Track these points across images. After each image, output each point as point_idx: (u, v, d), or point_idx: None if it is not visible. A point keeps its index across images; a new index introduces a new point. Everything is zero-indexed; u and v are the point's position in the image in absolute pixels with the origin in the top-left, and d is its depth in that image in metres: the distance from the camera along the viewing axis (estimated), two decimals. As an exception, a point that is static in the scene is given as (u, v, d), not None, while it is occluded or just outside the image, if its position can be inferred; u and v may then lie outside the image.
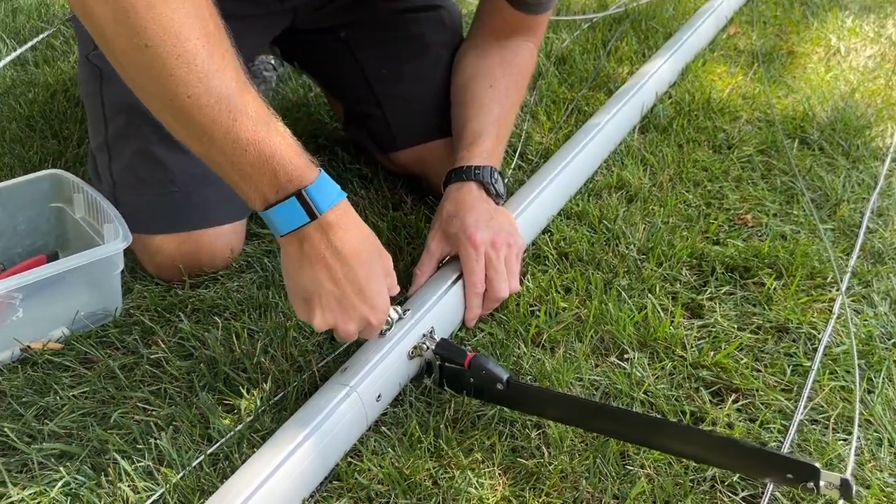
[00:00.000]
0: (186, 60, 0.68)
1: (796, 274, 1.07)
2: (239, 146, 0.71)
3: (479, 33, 1.17)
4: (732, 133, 1.41)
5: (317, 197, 0.75)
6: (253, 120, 0.72)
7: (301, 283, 0.79)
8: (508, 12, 1.11)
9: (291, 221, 0.75)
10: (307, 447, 0.74)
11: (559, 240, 1.11)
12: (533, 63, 1.19)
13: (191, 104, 0.69)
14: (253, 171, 0.73)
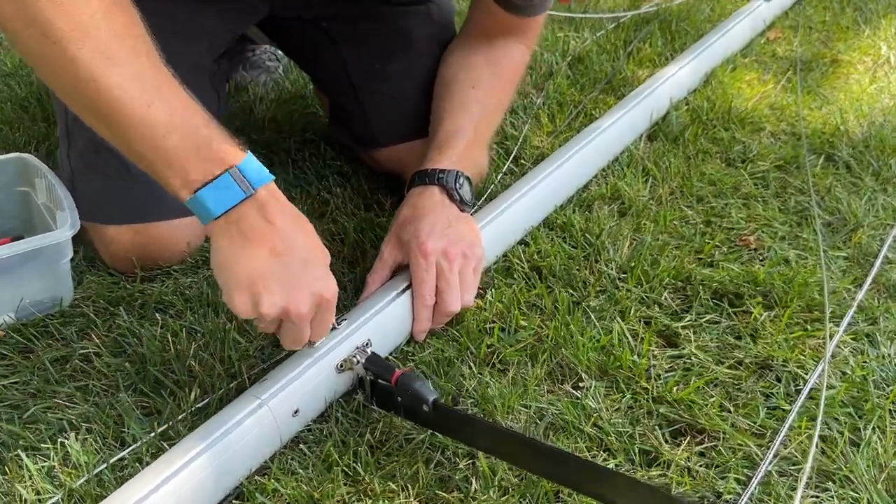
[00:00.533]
0: (94, 52, 0.65)
1: (791, 305, 0.97)
2: (157, 132, 0.68)
3: (468, 32, 1.11)
4: (750, 146, 1.30)
5: (250, 173, 0.71)
6: (170, 105, 0.69)
7: (241, 268, 0.72)
8: (498, 13, 1.04)
9: (226, 200, 0.71)
10: (202, 462, 0.69)
11: (533, 252, 1.03)
12: (523, 66, 1.12)
13: (102, 95, 0.67)
14: (176, 155, 0.70)
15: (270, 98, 1.41)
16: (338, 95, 1.16)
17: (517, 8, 1.03)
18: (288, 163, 1.21)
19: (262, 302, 0.72)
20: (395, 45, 1.11)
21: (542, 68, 1.51)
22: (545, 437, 0.80)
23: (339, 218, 1.09)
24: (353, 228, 1.07)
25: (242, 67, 1.46)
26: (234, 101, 1.40)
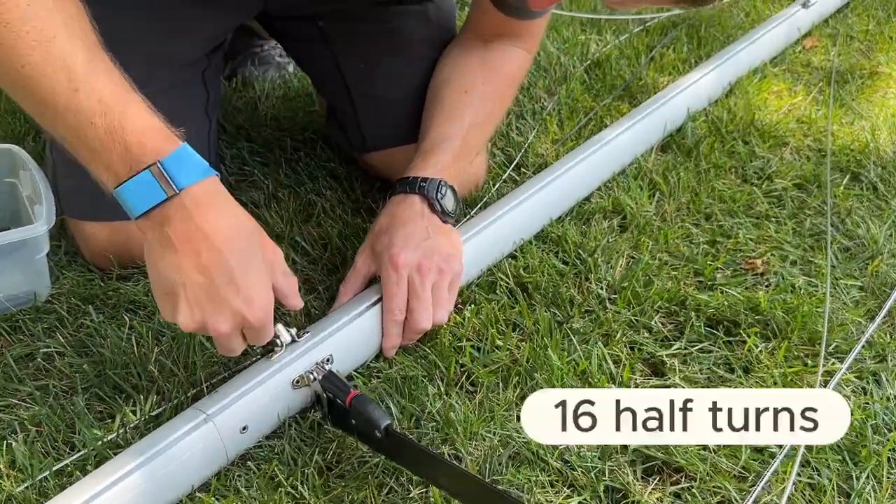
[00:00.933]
0: (17, 28, 0.62)
1: (791, 337, 0.90)
2: (83, 118, 0.64)
3: (466, 34, 1.06)
4: (770, 161, 1.23)
5: (175, 170, 0.66)
6: (99, 91, 0.65)
7: (163, 272, 0.68)
8: (496, 15, 0.99)
9: (146, 199, 0.66)
10: (136, 479, 0.67)
11: (520, 267, 0.99)
12: (523, 71, 1.07)
13: (26, 74, 0.63)
14: (101, 145, 0.65)
15: (277, 95, 1.39)
16: (332, 96, 1.13)
17: (515, 10, 0.98)
18: (282, 162, 1.18)
19: (180, 312, 0.68)
20: (388, 45, 1.07)
21: (556, 72, 1.45)
22: (506, 467, 0.75)
23: (324, 222, 1.06)
24: (338, 234, 1.03)
25: (251, 62, 1.43)
26: (240, 97, 1.38)
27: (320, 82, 1.16)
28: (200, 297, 0.68)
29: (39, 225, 0.91)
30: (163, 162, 0.66)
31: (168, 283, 0.69)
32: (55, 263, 1.00)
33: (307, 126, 1.29)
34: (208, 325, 0.69)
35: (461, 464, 0.75)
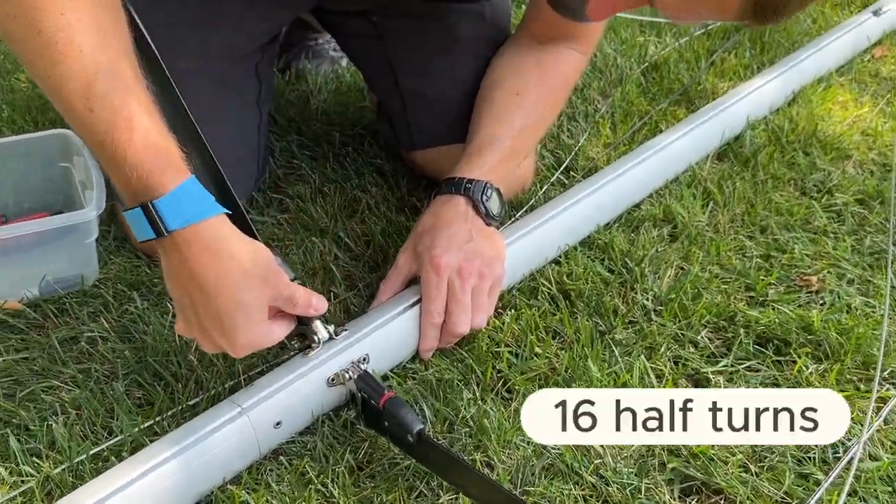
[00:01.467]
0: (50, 36, 0.61)
1: (844, 359, 0.87)
2: (95, 139, 0.64)
3: (520, 35, 1.05)
4: (832, 174, 1.18)
5: (166, 212, 0.65)
6: (112, 116, 0.63)
7: (168, 285, 0.70)
8: (553, 17, 0.97)
9: (141, 232, 0.66)
10: (170, 468, 0.67)
11: (564, 273, 0.97)
12: (577, 73, 1.04)
13: (52, 84, 0.63)
14: (109, 167, 0.65)
15: (329, 89, 1.39)
16: (383, 92, 1.13)
17: (572, 12, 0.95)
18: (329, 156, 1.18)
19: (179, 321, 0.71)
20: (441, 43, 1.06)
21: (612, 73, 1.42)
22: (539, 478, 0.74)
23: (368, 218, 1.05)
24: (381, 231, 1.03)
25: (305, 55, 1.44)
26: (293, 91, 1.38)
27: (371, 78, 1.15)
28: (191, 321, 0.70)
29: (89, 210, 0.93)
30: (156, 203, 0.65)
31: (172, 295, 0.71)
32: (104, 248, 1.02)
33: (357, 121, 1.28)
34: (199, 342, 0.72)
35: (493, 472, 0.74)
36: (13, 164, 1.05)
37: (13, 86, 1.39)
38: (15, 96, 1.35)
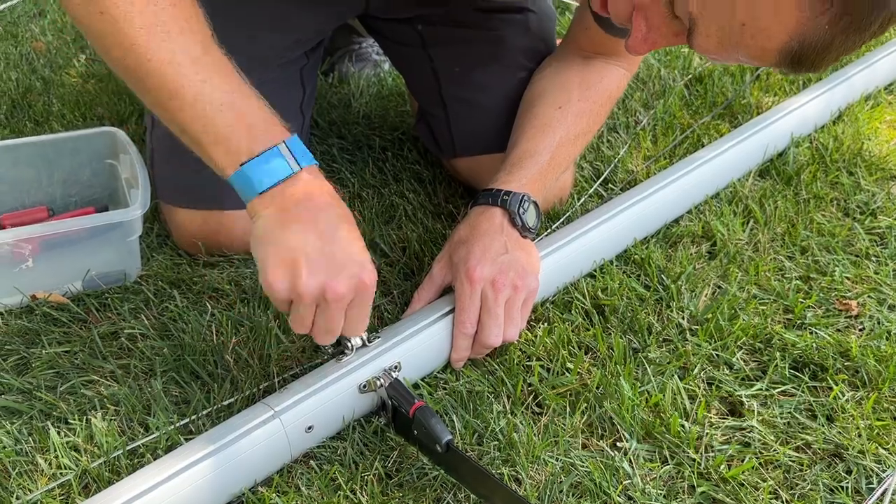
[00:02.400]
0: (145, 28, 0.67)
1: (882, 388, 0.85)
2: (211, 107, 0.70)
3: (565, 48, 1.04)
4: (876, 196, 1.16)
5: (297, 151, 0.72)
6: (224, 82, 0.71)
7: (282, 244, 0.70)
8: (597, 33, 0.97)
9: (272, 175, 0.70)
10: (203, 468, 0.69)
11: (599, 288, 0.96)
12: (620, 90, 1.04)
13: (155, 69, 0.69)
14: (228, 131, 0.70)
15: (371, 92, 1.40)
16: (425, 98, 1.13)
17: (617, 29, 0.95)
18: (369, 161, 1.19)
19: (301, 279, 0.69)
20: (486, 52, 1.06)
21: (655, 85, 1.41)
22: (567, 496, 0.74)
23: (404, 225, 1.06)
24: (417, 238, 1.04)
25: (348, 59, 1.45)
26: (335, 93, 1.40)
27: (414, 84, 1.16)
28: (321, 260, 0.70)
29: (134, 209, 0.95)
30: (287, 142, 0.71)
31: (287, 253, 0.70)
32: (146, 245, 1.04)
33: (397, 126, 1.29)
34: (328, 287, 0.70)
35: (521, 487, 0.74)
36: (63, 159, 1.08)
37: (63, 81, 1.42)
38: (65, 91, 1.38)
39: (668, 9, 0.64)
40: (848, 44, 0.58)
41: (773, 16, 0.58)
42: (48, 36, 1.61)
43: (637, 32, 0.68)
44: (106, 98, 1.35)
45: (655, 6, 0.64)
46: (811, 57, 0.60)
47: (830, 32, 0.57)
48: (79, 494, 0.73)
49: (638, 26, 0.68)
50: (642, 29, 0.67)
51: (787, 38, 0.59)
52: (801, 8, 0.56)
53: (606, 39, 0.98)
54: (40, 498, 0.73)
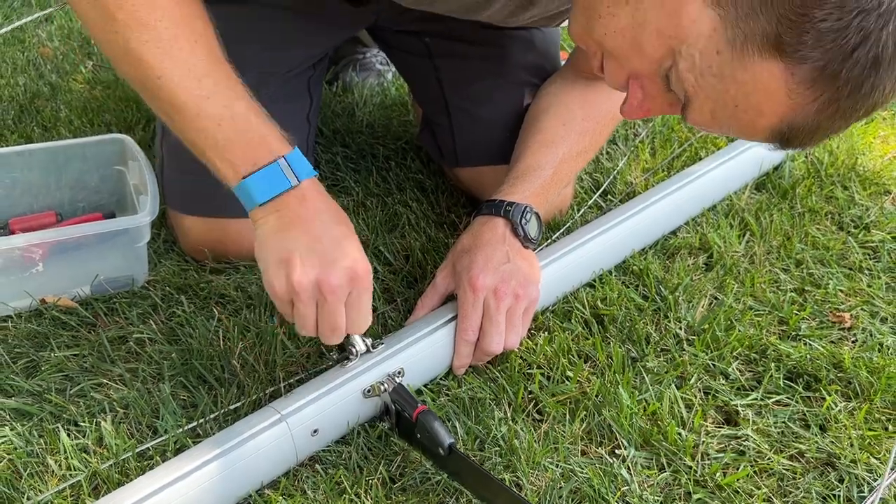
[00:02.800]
0: (154, 43, 0.70)
1: (874, 398, 0.87)
2: (213, 122, 0.73)
3: (570, 68, 1.07)
4: (870, 210, 1.19)
5: (296, 165, 0.75)
6: (226, 99, 0.74)
7: (277, 246, 0.75)
8: None
9: (271, 188, 0.74)
10: (210, 470, 0.70)
11: (598, 298, 0.98)
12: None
13: (162, 85, 0.72)
14: (228, 144, 0.74)
15: (374, 102, 1.42)
16: (430, 108, 1.15)
17: None
18: (373, 170, 1.21)
19: (294, 272, 0.72)
20: (492, 67, 1.08)
21: (654, 99, 1.43)
22: (567, 501, 0.76)
23: (408, 234, 1.08)
24: (420, 247, 1.06)
25: (352, 68, 1.47)
26: (339, 102, 1.42)
27: (420, 94, 1.18)
28: (314, 257, 0.74)
29: (143, 216, 0.97)
30: (287, 157, 0.74)
31: (283, 249, 0.74)
32: (154, 251, 1.06)
33: (400, 135, 1.31)
34: (322, 279, 0.73)
35: (522, 492, 0.76)
36: (71, 165, 1.10)
37: (71, 87, 1.44)
38: (72, 97, 1.40)
39: (665, 82, 0.65)
40: (833, 127, 0.61)
41: (764, 101, 0.60)
42: (55, 42, 1.63)
43: (633, 99, 0.69)
44: (113, 105, 1.37)
45: (651, 78, 0.66)
46: (799, 137, 0.62)
47: (817, 119, 0.59)
48: (88, 495, 0.75)
49: (634, 93, 0.69)
50: (638, 96, 0.69)
51: (778, 121, 0.61)
52: (790, 95, 0.58)
53: None
54: (51, 498, 0.74)
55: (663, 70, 0.64)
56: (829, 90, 0.57)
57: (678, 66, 0.62)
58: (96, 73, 1.50)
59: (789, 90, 0.58)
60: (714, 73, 0.60)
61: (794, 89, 0.58)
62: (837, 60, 0.55)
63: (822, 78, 0.57)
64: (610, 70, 0.69)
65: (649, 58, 0.64)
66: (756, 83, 0.59)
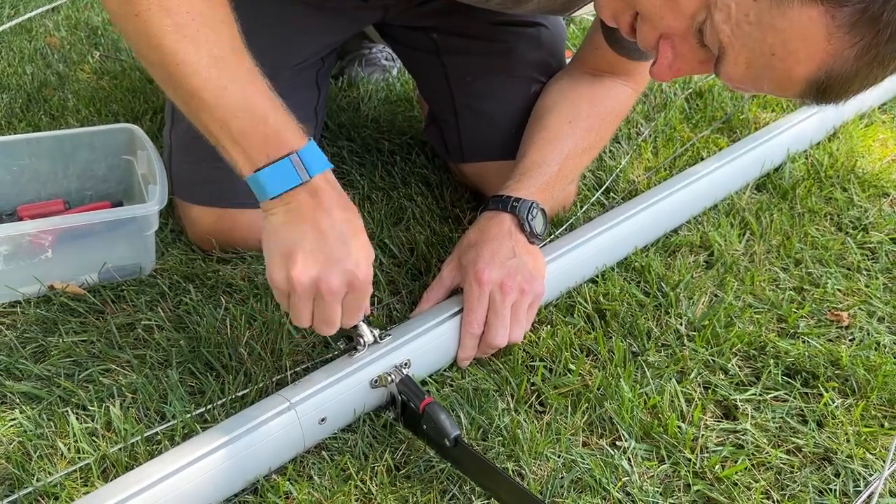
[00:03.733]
0: (175, 29, 0.70)
1: (870, 396, 0.89)
2: (230, 112, 0.73)
3: (576, 65, 1.08)
4: (868, 211, 1.20)
5: (308, 161, 0.74)
6: (245, 90, 0.73)
7: (282, 239, 0.75)
8: (608, 52, 1.01)
9: (283, 183, 0.74)
10: (221, 455, 0.71)
11: (600, 293, 1.00)
12: (626, 108, 1.08)
13: (182, 70, 0.72)
14: (243, 136, 0.74)
15: (379, 97, 1.43)
16: (437, 104, 1.16)
17: (627, 50, 0.99)
18: (378, 164, 1.23)
19: (295, 268, 0.73)
20: (498, 64, 1.10)
21: (656, 98, 1.45)
22: (568, 490, 0.77)
23: (412, 227, 1.09)
24: (424, 240, 1.07)
25: (358, 63, 1.48)
26: (344, 97, 1.43)
27: (426, 89, 1.19)
28: (317, 255, 0.74)
29: (152, 204, 0.98)
30: (300, 152, 0.74)
31: (288, 243, 0.75)
32: (161, 240, 1.07)
33: (405, 130, 1.33)
34: (321, 278, 0.74)
35: (524, 481, 0.78)
36: (79, 154, 1.11)
37: (78, 76, 1.45)
38: (80, 86, 1.41)
39: (698, 38, 0.65)
40: (871, 77, 0.60)
41: (802, 46, 0.59)
42: (62, 31, 1.63)
43: (663, 59, 0.69)
44: (120, 95, 1.37)
45: (684, 35, 0.66)
46: (836, 88, 0.62)
47: (855, 65, 0.59)
48: (98, 478, 0.76)
49: (664, 54, 0.69)
50: (668, 56, 0.69)
51: (815, 69, 0.60)
52: (829, 40, 0.58)
53: (616, 59, 1.01)
54: (61, 480, 0.75)
55: (697, 24, 0.64)
56: (868, 34, 0.57)
57: (713, 17, 0.62)
58: (103, 63, 1.51)
59: (829, 34, 0.58)
60: (751, 22, 0.60)
61: (833, 33, 0.58)
62: (879, 2, 0.55)
63: (862, 21, 0.56)
64: (642, 31, 0.69)
65: (683, 13, 0.64)
66: (794, 29, 0.59)
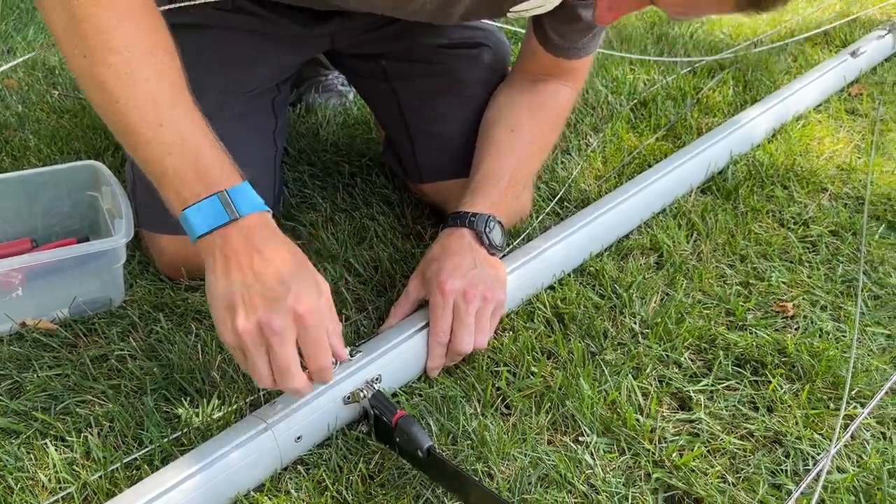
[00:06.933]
0: (116, 70, 0.73)
1: (815, 380, 0.94)
2: (163, 149, 0.75)
3: (515, 74, 1.14)
4: (807, 207, 1.27)
5: (238, 200, 0.75)
6: (180, 128, 0.75)
7: (223, 291, 0.73)
8: (544, 56, 1.06)
9: (210, 220, 0.74)
10: (200, 478, 0.74)
11: (558, 298, 1.04)
12: (568, 107, 1.13)
13: (119, 109, 0.74)
14: (175, 173, 0.75)
15: (337, 121, 1.47)
16: (392, 129, 1.21)
17: (562, 50, 1.05)
18: (339, 186, 1.26)
19: (238, 318, 0.72)
20: (444, 86, 1.14)
21: (603, 110, 1.51)
22: (535, 487, 0.81)
23: (376, 245, 1.13)
24: (388, 258, 1.10)
25: (315, 90, 1.52)
26: (303, 123, 1.46)
27: (381, 115, 1.24)
28: (255, 299, 0.72)
29: (119, 238, 1.00)
30: (229, 191, 0.75)
31: (228, 294, 0.73)
32: (129, 272, 1.09)
33: (364, 152, 1.36)
34: (262, 322, 0.71)
35: (493, 481, 0.81)
36: (44, 192, 1.13)
37: (38, 117, 1.46)
38: (40, 126, 1.43)
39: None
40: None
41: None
42: (19, 73, 1.65)
43: (602, 4, 0.74)
44: (81, 132, 1.39)
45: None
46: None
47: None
48: (80, 506, 0.78)
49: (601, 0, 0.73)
50: (606, 1, 0.73)
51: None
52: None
53: (552, 61, 1.07)
54: (44, 511, 0.77)
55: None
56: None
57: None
58: (62, 101, 1.53)
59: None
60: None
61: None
62: None
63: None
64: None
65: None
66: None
